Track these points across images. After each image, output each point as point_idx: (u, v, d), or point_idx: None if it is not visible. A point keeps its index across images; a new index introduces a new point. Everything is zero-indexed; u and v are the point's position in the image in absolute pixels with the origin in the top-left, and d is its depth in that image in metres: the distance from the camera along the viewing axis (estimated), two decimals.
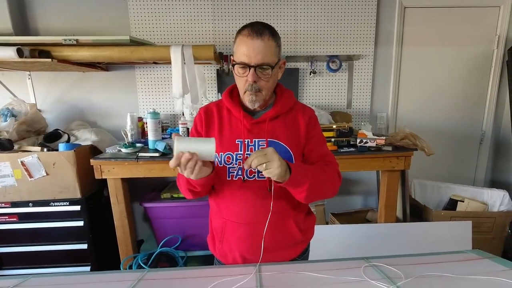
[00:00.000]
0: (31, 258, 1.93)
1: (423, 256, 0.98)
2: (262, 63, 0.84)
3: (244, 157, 0.91)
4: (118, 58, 1.88)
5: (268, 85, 0.89)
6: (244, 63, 0.85)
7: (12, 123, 1.86)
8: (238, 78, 0.90)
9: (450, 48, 2.38)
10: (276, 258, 0.97)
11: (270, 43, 0.84)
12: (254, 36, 0.83)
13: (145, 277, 0.88)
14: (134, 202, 2.12)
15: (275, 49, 0.86)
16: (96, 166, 1.75)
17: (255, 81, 0.86)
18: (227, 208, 0.96)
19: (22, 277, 0.91)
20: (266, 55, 0.84)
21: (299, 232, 0.99)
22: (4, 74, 2.13)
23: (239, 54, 0.86)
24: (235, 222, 0.95)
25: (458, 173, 2.60)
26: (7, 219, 1.86)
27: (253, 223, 0.93)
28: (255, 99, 0.90)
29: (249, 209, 0.93)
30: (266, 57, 0.84)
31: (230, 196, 0.94)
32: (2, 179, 1.77)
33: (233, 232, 0.97)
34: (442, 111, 2.49)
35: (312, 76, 2.32)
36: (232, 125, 0.94)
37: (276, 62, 0.87)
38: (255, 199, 0.92)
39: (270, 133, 0.92)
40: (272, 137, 0.92)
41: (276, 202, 0.91)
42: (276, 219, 0.93)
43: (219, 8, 2.20)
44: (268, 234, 0.93)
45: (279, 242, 0.96)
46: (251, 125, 0.93)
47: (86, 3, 2.15)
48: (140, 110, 2.32)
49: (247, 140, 0.92)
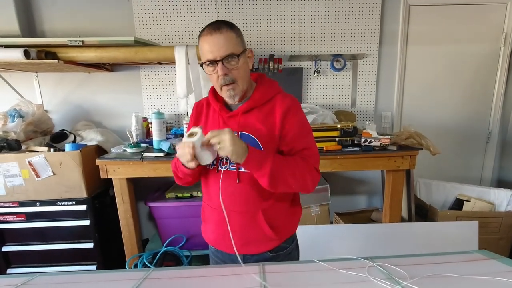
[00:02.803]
0: (38, 257, 1.96)
1: (428, 256, 0.97)
2: (226, 54, 0.87)
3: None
4: (123, 58, 1.90)
5: (240, 74, 0.92)
6: (210, 60, 0.89)
7: (20, 123, 1.88)
8: (210, 77, 0.94)
9: (456, 46, 2.35)
10: (246, 250, 1.00)
11: (230, 35, 0.88)
12: (213, 32, 0.87)
13: (150, 276, 0.89)
14: (139, 202, 2.15)
15: (236, 39, 0.89)
16: (102, 166, 1.77)
17: (226, 74, 0.89)
18: (206, 193, 1.06)
19: (29, 275, 0.93)
20: (229, 47, 0.87)
21: (269, 228, 0.98)
22: (12, 75, 2.16)
23: (204, 54, 0.90)
24: (210, 207, 1.04)
25: (464, 173, 2.57)
26: (15, 218, 1.89)
27: (221, 210, 0.98)
28: (234, 93, 0.93)
29: (222, 196, 0.97)
30: (229, 48, 0.87)
31: (209, 183, 1.03)
32: (10, 179, 1.80)
33: (210, 216, 1.06)
34: (448, 110, 2.47)
35: (316, 75, 2.31)
36: (214, 118, 1.01)
37: (242, 52, 0.91)
38: (226, 187, 0.97)
39: (242, 125, 0.95)
40: (243, 129, 0.95)
41: (245, 192, 0.95)
42: (245, 210, 0.98)
43: (223, 8, 2.20)
44: (237, 224, 0.98)
45: (247, 233, 0.99)
46: (227, 118, 0.97)
47: (91, 4, 2.17)
48: (144, 110, 2.34)
49: None
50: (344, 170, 2.22)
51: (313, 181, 0.94)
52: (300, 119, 0.97)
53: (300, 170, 0.91)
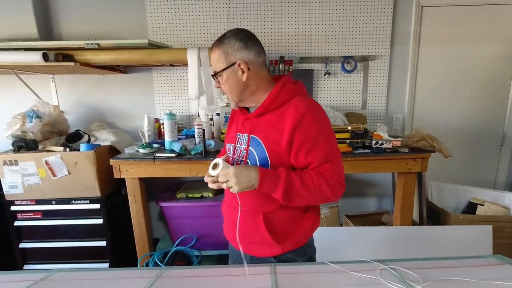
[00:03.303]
0: (52, 254, 2.01)
1: (441, 260, 0.96)
2: (212, 73, 0.98)
3: (234, 149, 1.05)
4: (136, 61, 1.94)
5: (225, 88, 0.98)
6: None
7: (37, 124, 1.94)
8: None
9: (469, 47, 2.31)
10: (250, 251, 1.03)
11: (216, 52, 0.95)
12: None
13: (163, 275, 0.91)
14: (150, 201, 2.18)
15: (219, 56, 0.94)
16: (115, 165, 1.81)
17: (218, 86, 1.00)
18: (225, 191, 1.09)
19: (48, 271, 0.96)
20: (214, 65, 0.97)
21: (268, 233, 0.98)
22: (30, 77, 2.23)
23: None
24: (224, 202, 1.12)
25: (477, 176, 2.52)
26: (32, 215, 1.95)
27: (233, 207, 1.03)
28: (230, 101, 1.03)
29: (232, 195, 1.01)
30: (214, 67, 0.97)
31: None
32: (27, 177, 1.86)
33: (224, 211, 1.13)
34: (461, 112, 2.43)
35: (327, 77, 2.31)
36: (237, 120, 1.07)
37: (225, 68, 0.94)
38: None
39: (254, 129, 0.98)
40: (254, 133, 0.98)
41: (249, 192, 0.93)
42: (248, 209, 1.00)
43: (234, 10, 2.22)
44: (241, 222, 1.00)
45: (250, 233, 1.01)
46: (244, 120, 1.02)
47: (106, 8, 2.22)
48: (157, 111, 2.38)
49: (239, 134, 1.04)
50: (354, 172, 2.21)
51: (336, 195, 0.91)
52: (316, 131, 0.91)
53: (318, 188, 0.89)
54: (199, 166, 1.80)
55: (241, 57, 0.93)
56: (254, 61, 0.95)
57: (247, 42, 0.93)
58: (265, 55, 0.99)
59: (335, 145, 0.95)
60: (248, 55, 0.93)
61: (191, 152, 1.83)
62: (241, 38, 0.93)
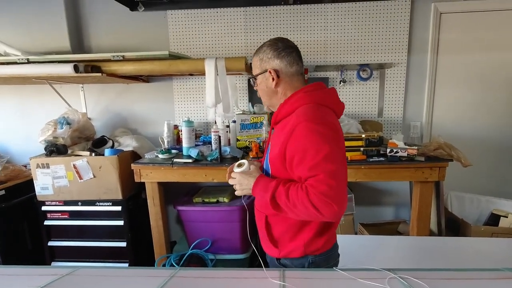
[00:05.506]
0: (77, 253, 2.13)
1: (453, 271, 0.94)
2: (250, 76, 1.10)
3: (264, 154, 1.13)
4: (158, 71, 2.04)
5: (259, 92, 1.08)
6: None
7: (67, 130, 2.09)
8: None
9: (489, 54, 2.24)
10: (263, 246, 1.11)
11: (254, 59, 1.05)
12: None
13: (177, 275, 0.96)
14: (168, 205, 2.26)
15: (256, 62, 1.04)
16: (136, 170, 1.91)
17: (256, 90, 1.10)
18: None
19: (72, 268, 1.04)
20: (253, 70, 1.07)
21: (267, 234, 1.05)
22: (62, 86, 2.41)
23: None
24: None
25: (500, 186, 2.40)
26: (60, 216, 2.08)
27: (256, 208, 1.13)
28: (263, 104, 1.13)
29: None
30: (252, 71, 1.07)
31: None
32: (57, 180, 2.00)
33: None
34: (482, 120, 2.34)
35: (342, 85, 2.31)
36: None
37: (258, 74, 1.04)
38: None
39: (271, 138, 1.07)
40: (270, 141, 1.06)
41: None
42: (258, 210, 1.09)
43: (251, 21, 2.30)
44: (256, 221, 1.12)
45: (260, 231, 1.10)
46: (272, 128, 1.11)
47: (131, 22, 2.36)
48: (176, 119, 2.48)
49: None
50: (369, 180, 2.19)
51: (324, 213, 0.82)
52: (304, 143, 0.86)
53: (301, 203, 0.84)
54: (214, 171, 1.86)
55: (272, 66, 1.00)
56: (285, 70, 1.00)
57: (280, 52, 0.99)
58: (299, 65, 1.01)
59: (329, 159, 0.83)
60: (279, 64, 0.99)
61: (207, 158, 1.89)
62: (276, 48, 0.99)
